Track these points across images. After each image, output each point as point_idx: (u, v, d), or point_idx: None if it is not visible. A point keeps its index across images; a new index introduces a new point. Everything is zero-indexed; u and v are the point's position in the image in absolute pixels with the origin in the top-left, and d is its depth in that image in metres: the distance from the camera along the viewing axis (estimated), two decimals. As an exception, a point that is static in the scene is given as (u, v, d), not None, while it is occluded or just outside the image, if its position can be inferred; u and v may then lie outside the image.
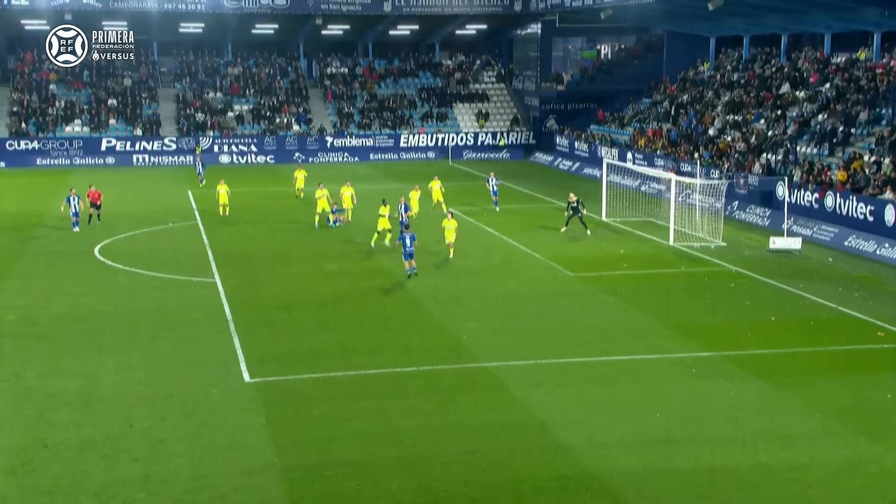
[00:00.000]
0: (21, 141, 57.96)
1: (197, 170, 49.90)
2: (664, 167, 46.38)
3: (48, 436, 16.87)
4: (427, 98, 67.22)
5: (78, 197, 35.53)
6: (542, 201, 45.53)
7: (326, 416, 17.94)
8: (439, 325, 23.97)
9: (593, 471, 15.74)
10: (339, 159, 61.54)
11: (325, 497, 14.81)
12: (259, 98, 64.90)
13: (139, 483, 15.15)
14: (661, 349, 22.18)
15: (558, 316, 25.05)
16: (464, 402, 18.79)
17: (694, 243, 34.15)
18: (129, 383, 19.57)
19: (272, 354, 21.52)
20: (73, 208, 35.44)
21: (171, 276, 29.12)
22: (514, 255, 32.71)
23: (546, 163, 60.76)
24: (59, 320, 24.16)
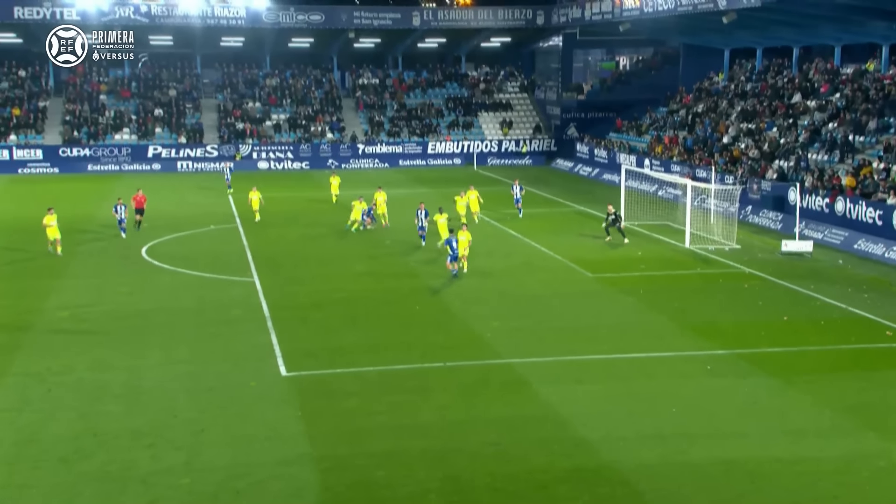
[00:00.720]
0: (73, 148, 58.62)
1: (225, 176, 49.50)
2: (680, 173, 46.06)
3: (98, 425, 17.07)
4: (453, 107, 67.24)
5: (124, 206, 35.47)
6: (562, 205, 45.39)
7: (357, 409, 18.00)
8: (464, 324, 23.97)
9: (611, 463, 15.68)
10: (369, 165, 61.71)
11: (356, 485, 14.87)
12: (295, 108, 65.24)
13: (182, 470, 15.28)
14: (676, 347, 22.04)
15: (578, 315, 24.96)
16: (487, 396, 18.78)
17: (709, 246, 33.89)
18: (173, 376, 19.74)
19: (307, 350, 21.62)
20: (120, 216, 35.35)
21: (213, 275, 29.34)
22: (535, 256, 32.63)
23: (566, 169, 60.56)
24: (109, 317, 24.42)
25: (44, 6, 57.47)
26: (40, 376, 19.65)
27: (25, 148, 57.94)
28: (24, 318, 23.99)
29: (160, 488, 14.65)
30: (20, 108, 60.75)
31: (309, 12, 62.21)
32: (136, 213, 36.24)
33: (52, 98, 63.19)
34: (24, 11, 57.45)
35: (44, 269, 29.72)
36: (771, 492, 14.78)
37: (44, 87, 63.52)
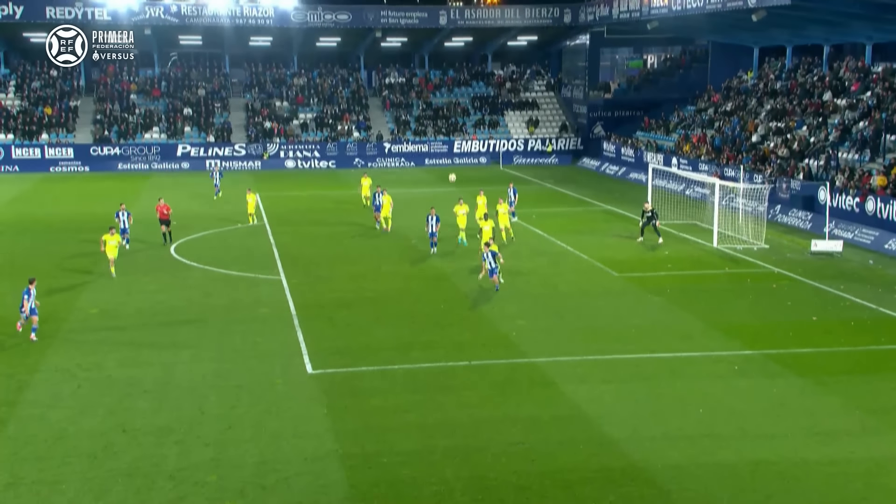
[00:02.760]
0: (104, 147, 59.27)
1: (214, 181, 45.89)
2: (708, 172, 45.70)
3: (127, 421, 17.24)
4: (479, 106, 67.19)
5: (128, 213, 32.56)
6: (589, 205, 45.20)
7: (383, 407, 18.03)
8: (490, 323, 23.94)
9: (638, 463, 15.58)
10: (396, 164, 61.82)
11: (382, 483, 14.90)
12: (322, 107, 65.50)
13: (210, 467, 15.40)
14: (704, 347, 21.87)
15: (604, 315, 24.84)
16: (513, 395, 18.75)
17: (737, 245, 33.59)
18: (202, 373, 19.90)
19: (333, 348, 21.70)
20: (123, 224, 32.01)
21: (241, 273, 29.53)
22: (562, 256, 32.52)
23: (593, 168, 60.29)
24: (139, 314, 24.66)
25: (75, 6, 58.16)
26: (70, 373, 19.88)
27: (57, 147, 58.65)
28: (56, 316, 24.28)
29: (188, 484, 14.77)
30: (52, 107, 61.53)
31: (336, 12, 62.43)
32: (162, 224, 33.30)
33: (83, 97, 63.94)
34: (55, 11, 58.15)
35: (75, 267, 30.06)
36: (800, 493, 14.63)
37: (75, 87, 64.27)
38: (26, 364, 20.36)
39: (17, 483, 14.73)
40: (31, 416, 17.48)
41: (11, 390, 18.79)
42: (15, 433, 16.67)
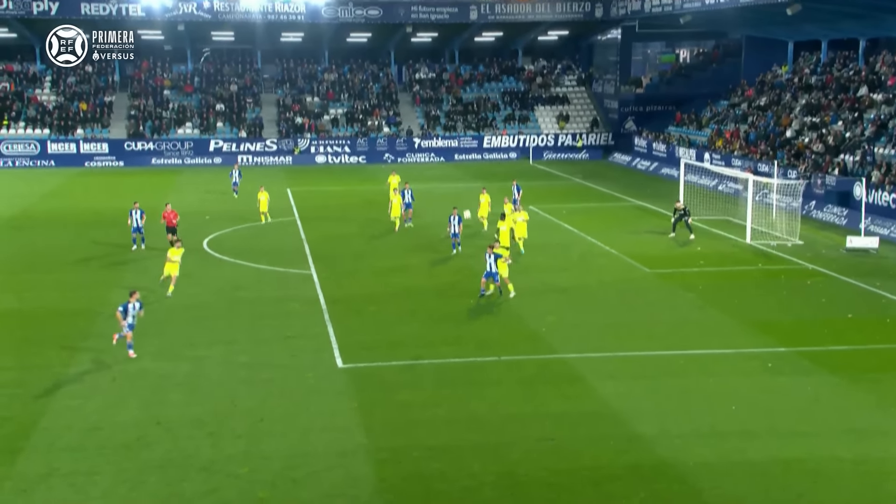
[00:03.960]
0: (138, 142, 59.96)
1: (233, 181, 44.58)
2: (741, 167, 45.25)
3: (160, 414, 17.47)
4: (510, 101, 67.04)
5: (141, 211, 31.57)
6: (619, 200, 44.95)
7: (412, 402, 18.10)
8: (519, 319, 23.92)
9: (668, 460, 15.51)
10: (425, 160, 61.90)
11: (411, 477, 14.97)
12: (353, 102, 65.74)
13: (242, 459, 15.57)
14: (736, 344, 21.69)
15: (634, 311, 24.71)
16: (542, 391, 18.73)
17: (770, 241, 33.25)
18: (233, 367, 20.10)
19: (363, 343, 21.81)
20: (135, 223, 31.29)
21: (272, 267, 29.76)
22: (592, 251, 32.39)
23: (624, 163, 59.94)
24: (172, 308, 24.94)
25: (109, 2, 58.84)
26: (105, 365, 20.18)
27: (92, 142, 59.42)
28: (91, 309, 24.65)
29: (220, 476, 14.94)
30: (87, 102, 62.34)
31: (367, 7, 62.60)
32: (168, 232, 30.95)
33: (117, 93, 64.69)
34: (90, 7, 58.87)
35: (110, 261, 30.45)
36: (832, 492, 14.48)
37: (110, 83, 65.04)
38: (62, 356, 20.70)
39: (53, 474, 15.00)
40: (67, 408, 17.77)
41: (47, 382, 19.11)
42: (50, 424, 16.96)
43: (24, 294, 26.28)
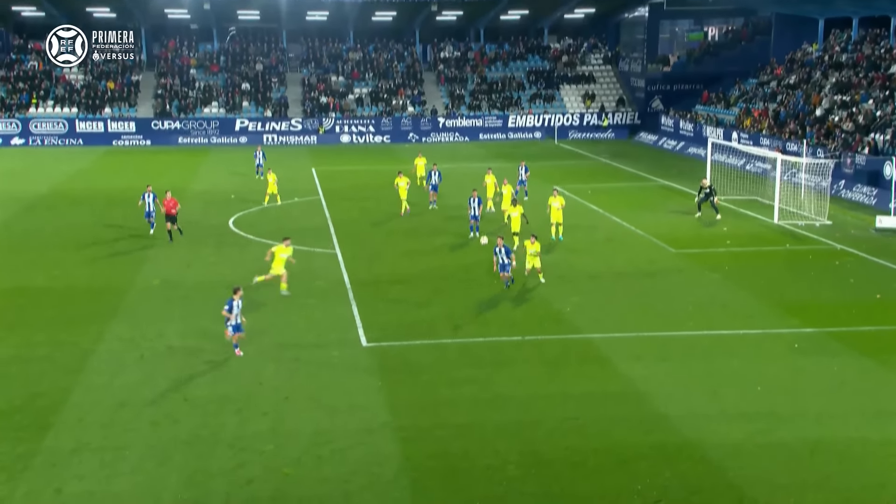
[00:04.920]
0: (165, 121, 60.27)
1: (257, 162, 43.90)
2: (770, 146, 44.71)
3: (188, 391, 17.64)
4: (535, 80, 66.60)
5: (154, 195, 30.98)
6: (646, 180, 44.60)
7: (436, 381, 18.14)
8: (544, 299, 23.85)
9: (693, 441, 15.45)
10: (450, 139, 61.73)
11: (436, 456, 15.02)
12: (377, 81, 65.61)
13: (268, 436, 15.70)
14: (762, 325, 21.51)
15: (660, 291, 24.56)
16: (567, 371, 18.69)
17: (798, 221, 32.88)
18: (260, 345, 20.22)
19: (387, 322, 21.86)
20: (148, 207, 30.91)
21: (297, 247, 29.72)
22: (618, 232, 32.20)
23: (650, 143, 59.42)
24: (198, 286, 25.13)
25: (137, -19, 58.97)
26: (133, 342, 20.39)
27: (119, 120, 59.82)
28: (119, 287, 24.90)
29: (247, 453, 15.08)
30: (114, 81, 62.69)
31: (392, -14, 62.33)
32: (168, 221, 29.85)
33: (144, 72, 65.01)
34: (117, -14, 59.09)
35: (137, 240, 30.67)
36: (859, 473, 14.36)
37: (137, 62, 65.35)
38: (91, 333, 20.94)
39: (83, 448, 15.21)
40: (96, 384, 17.99)
41: (77, 358, 19.35)
42: (80, 400, 17.19)
43: (54, 272, 26.58)
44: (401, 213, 34.28)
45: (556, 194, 30.20)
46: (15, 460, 14.75)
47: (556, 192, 30.38)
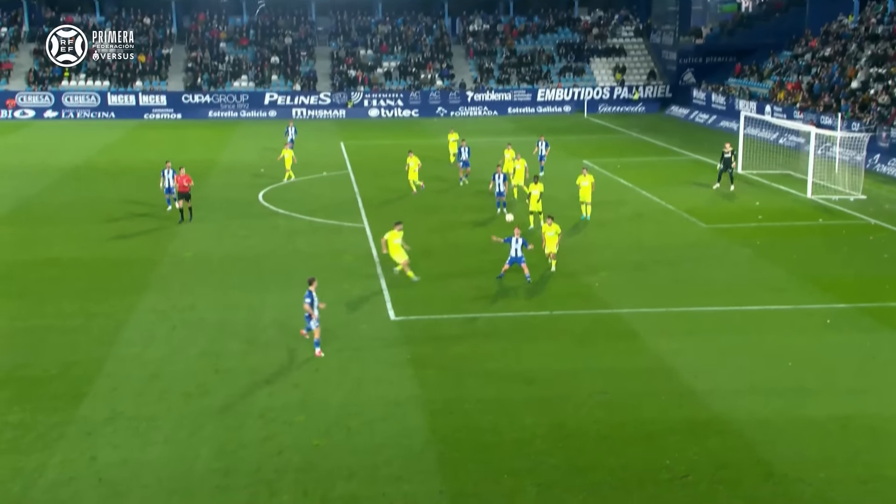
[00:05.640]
0: (195, 95, 60.53)
1: (289, 137, 42.79)
2: (804, 120, 44.00)
3: (219, 363, 17.84)
4: (565, 53, 65.95)
5: (173, 171, 30.42)
6: (676, 154, 44.14)
7: (464, 355, 18.19)
8: (572, 274, 23.76)
9: (722, 416, 15.38)
10: (478, 113, 61.42)
11: (463, 428, 15.09)
12: (406, 55, 65.33)
13: (298, 407, 15.85)
14: (794, 301, 21.30)
15: (690, 267, 24.38)
16: (594, 346, 18.66)
17: (832, 196, 32.42)
18: (290, 318, 20.35)
19: (415, 296, 21.91)
20: (167, 182, 30.47)
21: (325, 220, 29.98)
22: (647, 206, 31.94)
23: (682, 116, 58.74)
24: (229, 259, 25.34)
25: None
26: (165, 314, 20.64)
27: (151, 94, 60.19)
28: (151, 259, 25.18)
29: (277, 424, 15.25)
30: (145, 54, 63.01)
31: (421, -42, 61.83)
32: (180, 198, 29.26)
33: (174, 45, 65.23)
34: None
35: (168, 214, 30.93)
36: (890, 449, 14.23)
37: (167, 35, 65.57)
38: (124, 304, 21.21)
39: (117, 417, 15.47)
40: (129, 355, 18.25)
41: (110, 330, 19.63)
42: (113, 370, 17.45)
43: (87, 243, 26.92)
44: (413, 192, 33.38)
45: (586, 173, 29.21)
46: (50, 428, 15.04)
47: (584, 171, 29.43)
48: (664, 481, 13.38)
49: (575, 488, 13.18)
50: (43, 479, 13.49)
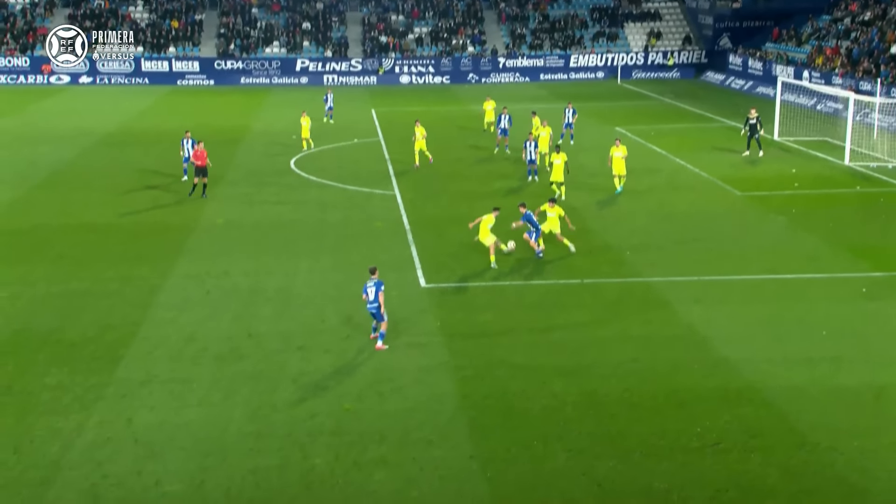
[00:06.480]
0: (227, 61, 60.60)
1: (328, 105, 43.29)
2: (842, 85, 43.11)
3: (252, 327, 18.01)
4: (598, 18, 65.01)
5: (193, 140, 29.60)
6: (711, 121, 43.50)
7: (494, 322, 18.20)
8: (604, 242, 23.61)
9: (755, 384, 15.29)
10: (510, 79, 60.88)
11: (493, 394, 15.15)
12: (437, 20, 64.79)
13: (330, 373, 15.99)
14: (829, 269, 21.02)
15: (723, 235, 24.12)
16: (625, 314, 18.57)
17: (870, 163, 31.81)
18: (321, 284, 20.50)
19: (445, 263, 21.92)
20: (186, 152, 29.72)
21: (356, 188, 30.01)
22: (681, 174, 31.58)
23: (717, 82, 57.80)
24: (260, 226, 25.49)
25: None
26: (199, 279, 20.85)
27: (183, 60, 60.36)
28: (185, 225, 25.40)
29: (309, 388, 15.40)
30: (178, 20, 63.11)
31: (453, -79, 60.98)
32: (197, 174, 28.20)
33: (207, 11, 65.24)
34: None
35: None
36: (926, 422, 14.07)
37: (200, 0, 65.56)
38: (158, 269, 21.45)
39: (152, 380, 15.71)
40: (164, 319, 18.49)
41: (145, 293, 19.89)
42: (149, 334, 17.71)
43: (122, 209, 27.19)
44: (415, 166, 32.44)
45: (619, 143, 28.15)
46: (88, 390, 15.33)
47: (618, 142, 28.27)
48: (695, 449, 13.35)
49: (605, 455, 13.20)
50: (81, 439, 13.77)
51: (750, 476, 12.64)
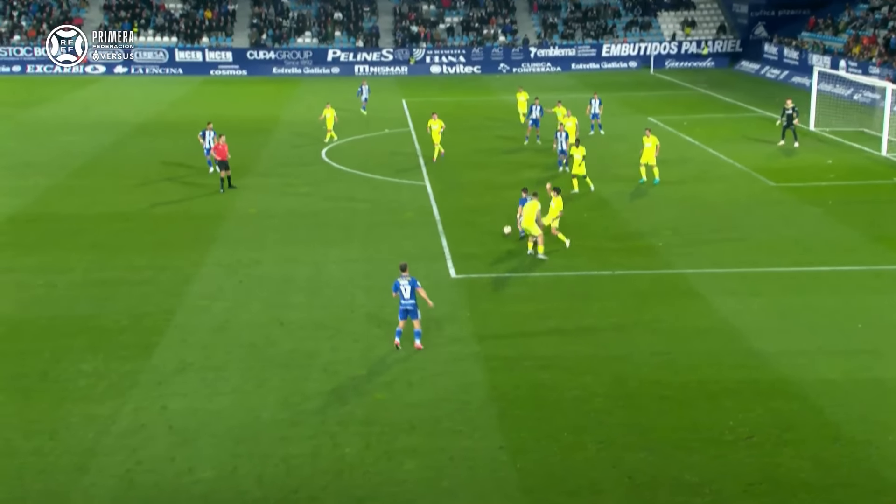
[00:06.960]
0: (260, 51, 60.91)
1: (363, 96, 43.32)
2: (880, 75, 42.36)
3: (283, 315, 18.15)
4: (631, 7, 64.42)
5: (214, 132, 29.51)
6: (746, 110, 42.98)
7: (524, 313, 18.17)
8: (635, 232, 23.46)
9: (787, 377, 15.13)
10: (541, 69, 60.56)
11: (523, 384, 15.13)
12: (468, 10, 64.59)
13: (360, 361, 16.07)
14: (865, 261, 20.72)
15: (757, 226, 23.85)
16: (656, 306, 18.44)
17: (908, 155, 31.27)
18: (351, 273, 20.59)
19: (475, 253, 21.90)
20: (207, 143, 29.49)
21: (387, 178, 30.06)
22: (714, 165, 31.25)
23: (752, 72, 57.07)
24: (292, 215, 25.64)
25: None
26: (232, 268, 21.03)
27: (217, 50, 60.76)
28: (217, 214, 25.62)
29: (340, 377, 15.49)
30: (211, 10, 63.51)
31: None
32: (220, 168, 28.26)
33: (240, 1, 65.56)
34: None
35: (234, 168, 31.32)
36: (965, 418, 13.84)
37: (232, -7, 65.91)
38: (191, 258, 21.67)
39: (186, 368, 15.89)
40: (197, 307, 18.68)
41: (178, 282, 20.10)
42: (182, 322, 17.90)
43: (154, 199, 27.46)
44: (433, 159, 31.98)
45: (649, 134, 28.04)
46: (123, 377, 15.54)
47: (648, 132, 28.16)
48: (727, 442, 13.25)
49: (635, 447, 13.14)
50: (116, 426, 13.97)
51: (783, 469, 12.53)
